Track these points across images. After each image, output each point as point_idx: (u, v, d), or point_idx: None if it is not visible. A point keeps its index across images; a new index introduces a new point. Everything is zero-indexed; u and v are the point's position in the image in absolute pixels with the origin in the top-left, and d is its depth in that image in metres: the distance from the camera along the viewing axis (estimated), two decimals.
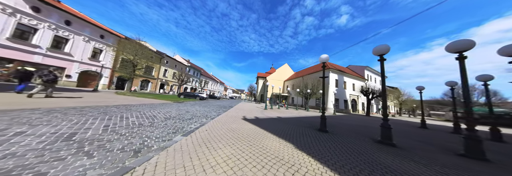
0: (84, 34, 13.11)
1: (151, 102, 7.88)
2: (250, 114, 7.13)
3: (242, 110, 8.67)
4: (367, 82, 22.36)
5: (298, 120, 6.44)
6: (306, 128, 4.50)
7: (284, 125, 4.69)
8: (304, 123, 5.60)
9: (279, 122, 5.28)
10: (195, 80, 37.86)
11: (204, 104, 11.56)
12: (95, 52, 14.45)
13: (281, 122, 5.20)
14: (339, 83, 18.88)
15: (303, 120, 6.42)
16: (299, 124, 5.09)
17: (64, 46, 12.14)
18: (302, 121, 6.22)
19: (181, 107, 7.23)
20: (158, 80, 23.81)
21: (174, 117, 4.14)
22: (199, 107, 8.29)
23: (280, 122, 5.31)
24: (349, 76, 20.09)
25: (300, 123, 5.37)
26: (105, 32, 14.83)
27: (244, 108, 10.99)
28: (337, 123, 6.65)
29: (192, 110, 6.46)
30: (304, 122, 5.91)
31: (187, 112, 5.52)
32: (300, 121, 5.97)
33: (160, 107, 6.29)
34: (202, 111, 6.51)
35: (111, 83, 16.37)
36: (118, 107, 4.85)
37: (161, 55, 23.91)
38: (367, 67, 23.19)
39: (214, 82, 52.36)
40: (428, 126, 8.15)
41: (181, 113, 4.96)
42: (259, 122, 4.87)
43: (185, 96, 17.76)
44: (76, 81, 13.00)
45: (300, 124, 5.24)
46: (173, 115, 4.43)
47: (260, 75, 41.16)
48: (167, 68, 26.16)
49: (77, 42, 12.79)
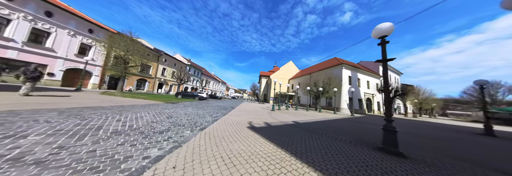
0: (68, 28, 11.77)
1: (136, 103, 6.35)
2: (257, 118, 5.49)
3: (246, 112, 7.05)
4: (381, 79, 20.31)
5: (325, 126, 4.74)
6: (357, 145, 2.82)
7: (315, 139, 3.01)
8: (339, 133, 3.90)
9: (302, 132, 3.60)
10: (196, 79, 36.54)
11: (202, 105, 10.00)
12: (82, 48, 13.12)
13: (307, 133, 3.52)
14: (352, 81, 17.00)
15: (332, 127, 4.71)
16: (335, 137, 3.40)
17: (45, 41, 10.82)
18: (332, 128, 4.52)
19: (167, 109, 5.65)
20: (156, 79, 22.49)
21: (136, 129, 2.55)
22: (193, 109, 6.70)
23: (304, 131, 3.64)
24: (363, 73, 18.15)
25: (334, 134, 3.68)
26: (94, 26, 13.48)
27: (248, 109, 9.38)
28: (379, 130, 4.91)
29: (179, 114, 4.86)
30: (336, 130, 4.21)
31: (169, 117, 3.92)
32: (330, 129, 4.27)
33: (140, 110, 4.73)
34: (194, 115, 4.91)
35: (103, 82, 15.06)
36: (70, 111, 3.30)
37: (158, 52, 22.57)
38: None
39: (216, 82, 51.04)
40: (478, 131, 6.05)
41: (157, 120, 3.37)
42: (275, 133, 3.21)
43: (183, 96, 16.30)
44: (60, 80, 11.68)
45: (337, 135, 3.55)
46: (138, 126, 2.84)
47: (263, 74, 39.47)
48: (166, 66, 24.84)
49: (61, 36, 11.46)
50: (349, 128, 4.97)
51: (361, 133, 4.16)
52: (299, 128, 3.99)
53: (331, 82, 13.84)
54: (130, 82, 18.18)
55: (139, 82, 20.05)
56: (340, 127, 4.86)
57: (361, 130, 4.62)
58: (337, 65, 16.59)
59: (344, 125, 5.67)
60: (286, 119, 5.73)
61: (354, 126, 5.63)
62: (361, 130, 4.62)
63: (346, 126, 5.42)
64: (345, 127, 5.13)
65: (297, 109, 12.94)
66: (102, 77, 14.77)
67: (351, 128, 4.88)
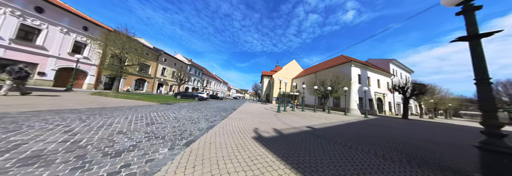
0: (61, 25, 11.17)
1: (123, 105, 5.55)
2: (263, 122, 4.56)
3: (249, 115, 6.13)
4: (393, 78, 19.06)
5: (349, 134, 3.76)
6: (425, 170, 1.85)
7: (355, 159, 2.05)
8: (376, 144, 2.92)
9: (328, 144, 2.65)
10: (197, 79, 35.94)
11: (200, 106, 9.15)
12: (77, 46, 12.52)
13: (334, 146, 2.57)
14: (362, 79, 15.86)
15: (358, 135, 3.73)
16: (377, 151, 2.42)
17: (36, 38, 10.22)
18: (360, 137, 3.54)
19: (156, 112, 4.79)
20: (155, 79, 21.88)
21: (81, 147, 1.68)
22: (188, 111, 5.83)
23: (329, 143, 2.68)
24: (373, 71, 16.97)
25: (371, 146, 2.71)
26: (89, 24, 12.88)
27: (250, 110, 8.46)
28: (419, 138, 3.89)
29: (167, 118, 3.98)
30: (369, 140, 3.22)
31: (149, 124, 3.02)
32: (359, 139, 3.29)
33: (120, 113, 3.89)
34: (185, 120, 4.02)
35: (99, 82, 14.45)
36: (13, 116, 2.46)
37: (158, 52, 21.97)
38: (392, 61, 19.87)
39: (217, 82, 50.41)
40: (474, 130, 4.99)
41: (130, 130, 2.49)
42: (292, 149, 2.27)
43: (182, 96, 15.54)
44: (52, 80, 11.07)
45: (377, 149, 2.58)
46: (90, 141, 1.95)
47: (265, 73, 38.52)
48: (166, 66, 24.24)
49: (53, 33, 10.85)
50: (379, 135, 3.98)
51: (402, 144, 3.18)
52: (320, 139, 3.03)
53: (340, 81, 12.77)
54: (128, 82, 17.57)
55: (138, 82, 19.45)
56: (368, 135, 3.88)
57: (397, 139, 3.63)
58: (345, 63, 15.51)
59: (369, 130, 4.67)
60: (297, 124, 4.78)
61: (382, 132, 4.63)
62: (397, 139, 3.63)
63: (372, 132, 4.43)
64: (373, 133, 4.14)
65: (304, 110, 11.94)
66: (98, 77, 14.16)
67: (382, 136, 3.89)
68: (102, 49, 12.57)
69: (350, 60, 15.08)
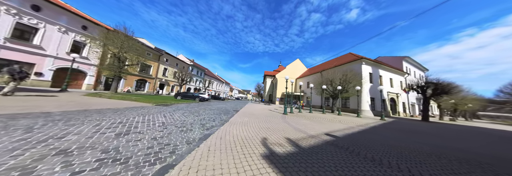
0: (59, 24, 10.87)
1: (113, 107, 4.92)
2: (271, 128, 3.76)
3: (254, 118, 5.34)
4: (406, 76, 17.75)
5: (391, 148, 2.88)
6: None
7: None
8: (463, 169, 2.05)
9: (378, 168, 1.81)
10: (199, 80, 35.60)
11: (200, 107, 8.45)
12: (76, 46, 12.23)
13: (393, 172, 1.72)
14: (374, 78, 14.74)
15: (396, 147, 2.85)
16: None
17: (33, 37, 9.92)
18: (400, 150, 2.66)
19: (143, 116, 4.10)
20: (156, 79, 21.54)
21: None
22: (182, 114, 5.11)
23: (380, 167, 1.84)
24: (385, 69, 15.80)
25: (434, 170, 1.84)
26: (88, 23, 12.58)
27: (254, 112, 7.67)
28: (471, 151, 2.98)
29: (151, 125, 3.25)
30: (435, 160, 2.35)
31: (121, 135, 2.29)
32: (419, 156, 2.42)
33: (96, 117, 3.21)
34: (175, 126, 3.28)
35: (98, 82, 14.12)
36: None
37: (159, 52, 21.67)
38: (406, 58, 18.54)
39: (219, 83, 50.03)
40: None
41: (85, 146, 1.77)
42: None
43: (182, 97, 14.99)
44: (50, 81, 10.74)
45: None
46: None
47: (267, 73, 37.70)
48: (167, 66, 23.92)
49: (51, 32, 10.55)
50: (420, 146, 3.08)
51: (468, 162, 2.29)
52: (353, 155, 2.20)
53: (351, 80, 11.76)
54: (128, 83, 17.25)
55: (139, 83, 19.13)
56: (407, 147, 2.99)
57: (451, 154, 2.73)
58: (355, 61, 14.46)
59: (401, 139, 3.77)
60: (313, 130, 3.94)
61: (420, 141, 3.72)
62: (451, 154, 2.73)
63: (407, 141, 3.52)
64: (411, 144, 3.25)
65: (312, 112, 11.01)
66: (97, 77, 13.83)
67: (426, 148, 2.99)
68: (102, 49, 12.21)
69: (360, 58, 14.02)
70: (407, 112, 16.94)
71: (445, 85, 10.18)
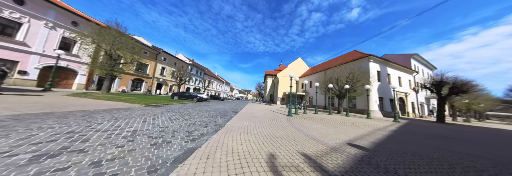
0: (46, 19, 10.13)
1: (89, 109, 4.14)
2: (278, 136, 2.94)
3: (255, 121, 4.53)
4: (415, 75, 16.84)
5: (450, 165, 2.05)
6: None
7: None
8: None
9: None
10: (198, 80, 34.86)
11: (195, 108, 7.67)
12: (65, 43, 11.50)
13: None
14: (381, 77, 13.88)
15: (454, 165, 2.01)
16: None
17: (15, 33, 9.19)
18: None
19: (116, 121, 3.31)
20: (154, 79, 20.81)
21: None
22: (169, 118, 4.32)
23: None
24: (393, 67, 14.92)
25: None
26: (79, 18, 11.84)
27: (256, 113, 6.87)
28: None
29: (114, 136, 2.45)
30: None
31: (42, 159, 1.49)
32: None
33: (52, 122, 2.42)
34: (150, 136, 2.46)
35: (90, 82, 13.40)
36: None
37: (157, 50, 20.94)
38: (414, 55, 17.62)
39: (220, 82, 49.27)
40: None
41: None
42: None
43: (179, 96, 14.24)
44: (36, 79, 10.01)
45: None
46: None
47: (268, 73, 36.88)
48: (165, 66, 23.19)
49: (36, 28, 9.82)
50: (474, 159, 2.25)
51: None
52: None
53: (360, 78, 10.91)
54: (124, 82, 16.51)
55: (135, 82, 18.39)
56: (466, 164, 2.17)
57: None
58: (362, 58, 13.60)
59: (447, 150, 2.94)
60: (329, 137, 3.13)
61: (467, 152, 2.89)
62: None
63: (465, 156, 2.70)
64: (466, 160, 2.42)
65: (317, 112, 10.18)
66: (89, 77, 13.10)
67: (487, 165, 2.16)
68: (93, 46, 11.46)
69: (368, 55, 13.16)
70: (416, 112, 16.05)
71: (464, 84, 9.31)
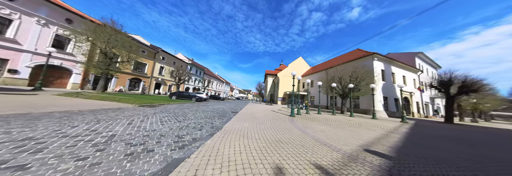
0: (38, 15, 9.75)
1: (73, 109, 3.76)
2: (283, 141, 2.54)
3: (256, 122, 4.13)
4: (419, 74, 16.42)
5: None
6: None
7: None
8: None
9: None
10: (198, 79, 34.47)
11: (192, 108, 7.28)
12: (59, 41, 11.11)
13: None
14: (386, 75, 13.47)
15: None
16: None
17: (5, 30, 8.81)
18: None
19: (95, 123, 2.92)
20: (152, 78, 20.43)
21: None
22: (158, 120, 3.93)
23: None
24: (398, 66, 14.51)
25: None
26: (73, 16, 11.46)
27: (256, 114, 6.47)
28: None
29: (80, 141, 2.04)
30: None
31: None
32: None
33: (16, 126, 2.01)
34: (129, 142, 2.05)
35: (86, 81, 13.02)
36: None
37: (155, 49, 20.56)
38: (419, 54, 17.19)
39: (220, 82, 48.89)
40: None
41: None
42: None
43: (177, 96, 13.86)
44: (27, 79, 9.64)
45: None
46: None
47: (268, 72, 36.47)
48: (164, 65, 22.80)
49: (28, 25, 9.44)
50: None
51: None
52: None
53: (364, 77, 10.51)
54: (121, 82, 16.13)
55: (133, 82, 18.01)
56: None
57: None
58: (366, 56, 13.18)
59: (482, 157, 2.54)
60: (341, 141, 2.73)
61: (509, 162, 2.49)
62: None
63: (497, 160, 2.30)
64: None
65: (320, 113, 9.78)
66: (85, 76, 12.72)
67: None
68: (88, 44, 11.06)
69: (372, 53, 12.75)
70: (421, 112, 15.64)
71: (474, 83, 8.89)
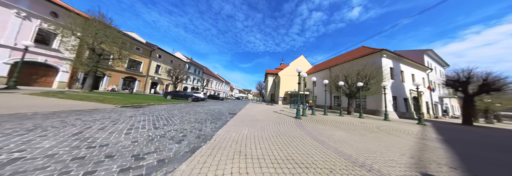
0: (17, 7, 8.90)
1: (31, 111, 2.91)
2: (296, 160, 1.70)
3: (256, 126, 3.30)
4: (429, 72, 15.60)
5: None
6: None
7: None
8: None
9: None
10: (197, 79, 33.62)
11: (185, 109, 6.45)
12: (43, 36, 10.26)
13: None
14: (395, 74, 12.65)
15: None
16: None
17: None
18: None
19: (17, 138, 2.05)
20: (147, 77, 19.58)
21: None
22: (128, 126, 3.09)
23: None
24: (407, 64, 13.69)
25: None
26: (58, 8, 10.59)
27: (257, 116, 5.64)
28: None
29: None
30: None
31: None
32: None
33: None
34: (51, 170, 1.22)
35: (75, 80, 12.18)
36: None
37: (151, 47, 19.70)
38: (427, 52, 16.35)
39: (219, 82, 48.04)
40: None
41: None
42: None
43: (173, 96, 13.03)
44: (6, 76, 8.80)
45: None
46: None
47: (269, 71, 35.65)
48: (161, 63, 21.95)
49: (5, 17, 8.59)
50: None
51: None
52: None
53: (374, 75, 9.69)
54: (114, 81, 15.29)
55: (127, 81, 17.17)
56: None
57: None
58: (374, 53, 12.35)
59: None
60: (376, 158, 1.91)
61: None
62: None
63: None
64: None
65: (327, 113, 8.96)
66: (73, 74, 11.87)
67: None
68: (73, 38, 10.19)
69: (380, 50, 11.92)
70: (431, 112, 14.83)
71: (496, 81, 8.08)
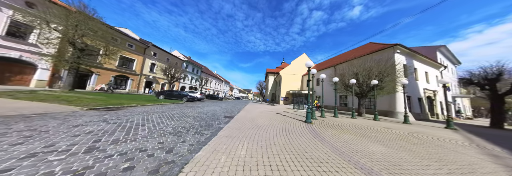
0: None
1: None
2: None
3: (259, 137, 2.24)
4: (442, 70, 14.56)
5: None
6: None
7: None
8: None
9: None
10: (195, 78, 32.52)
11: (171, 112, 5.38)
12: (17, 28, 9.16)
13: None
14: (408, 71, 11.60)
15: None
16: None
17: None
18: None
19: None
20: (141, 76, 18.49)
21: None
22: (42, 145, 1.98)
23: None
24: (420, 61, 12.65)
25: None
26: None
27: (258, 119, 4.58)
28: None
29: None
30: None
31: None
32: None
33: None
34: None
35: (57, 78, 11.08)
36: None
37: (145, 44, 18.60)
38: (441, 48, 15.29)
39: (218, 81, 46.94)
40: None
41: None
42: None
43: (166, 96, 11.97)
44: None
45: None
46: None
47: (269, 70, 34.59)
48: (156, 61, 20.85)
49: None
50: None
51: None
52: None
53: (390, 72, 8.64)
54: (103, 79, 14.20)
55: (119, 80, 16.08)
56: None
57: None
58: (386, 49, 11.30)
59: None
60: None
61: None
62: None
63: None
64: None
65: (337, 115, 7.89)
66: (54, 72, 10.78)
67: None
68: (56, 33, 9.07)
69: (393, 45, 10.85)
70: (445, 113, 13.80)
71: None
